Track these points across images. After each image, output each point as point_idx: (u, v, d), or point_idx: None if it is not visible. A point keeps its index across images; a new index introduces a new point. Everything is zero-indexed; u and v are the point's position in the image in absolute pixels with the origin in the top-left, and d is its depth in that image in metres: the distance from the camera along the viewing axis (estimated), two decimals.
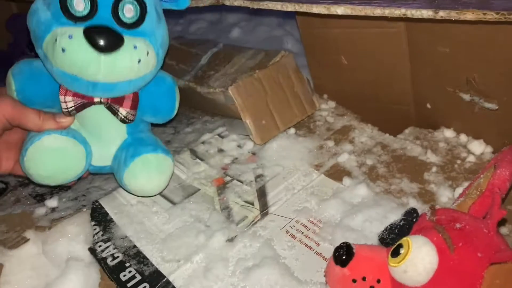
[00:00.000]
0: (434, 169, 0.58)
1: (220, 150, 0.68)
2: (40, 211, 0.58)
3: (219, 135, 0.72)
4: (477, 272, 0.30)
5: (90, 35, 0.45)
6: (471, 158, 0.59)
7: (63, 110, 0.51)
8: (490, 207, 0.34)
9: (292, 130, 0.69)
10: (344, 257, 0.35)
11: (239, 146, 0.69)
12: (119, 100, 0.52)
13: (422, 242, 0.32)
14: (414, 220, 0.37)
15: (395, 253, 0.33)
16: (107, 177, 0.67)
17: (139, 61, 0.48)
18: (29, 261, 0.52)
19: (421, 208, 0.52)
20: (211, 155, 0.67)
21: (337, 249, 0.36)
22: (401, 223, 0.37)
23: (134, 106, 0.54)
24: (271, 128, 0.66)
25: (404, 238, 0.33)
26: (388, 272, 0.34)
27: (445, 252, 0.31)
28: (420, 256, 0.31)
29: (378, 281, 0.34)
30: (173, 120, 0.81)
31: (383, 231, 0.39)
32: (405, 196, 0.55)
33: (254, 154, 0.67)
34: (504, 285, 0.30)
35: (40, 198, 0.62)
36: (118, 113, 0.53)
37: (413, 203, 0.53)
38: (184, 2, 0.56)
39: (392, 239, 0.37)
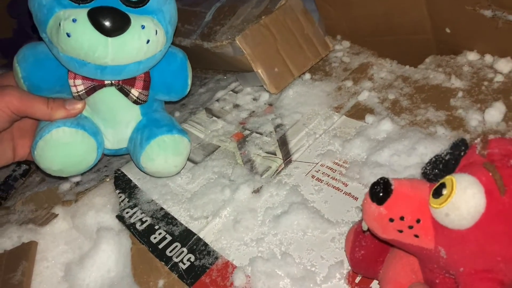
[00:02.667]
0: (460, 94, 0.55)
1: (236, 106, 0.67)
2: (65, 186, 0.58)
3: (233, 90, 0.70)
4: None
5: (95, 18, 0.42)
6: (499, 78, 0.56)
7: (74, 94, 0.49)
8: None
9: (308, 75, 0.67)
10: (381, 195, 0.31)
11: (254, 99, 0.67)
12: (131, 81, 0.50)
13: (468, 183, 0.28)
14: (462, 153, 0.32)
15: (437, 193, 0.29)
16: None
17: (148, 41, 0.45)
18: (62, 236, 0.53)
19: (450, 135, 0.50)
20: (227, 111, 0.66)
21: (373, 186, 0.32)
22: (446, 157, 0.32)
23: (146, 86, 0.52)
24: (285, 75, 0.63)
25: (448, 177, 0.29)
26: (430, 212, 0.30)
27: (494, 194, 0.27)
28: (464, 199, 0.27)
29: (418, 221, 0.30)
30: None
31: (426, 164, 0.34)
32: (432, 125, 0.52)
33: (271, 105, 0.65)
34: None
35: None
36: (130, 94, 0.51)
37: (441, 131, 0.51)
38: None
39: (436, 175, 0.32)
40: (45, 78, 0.50)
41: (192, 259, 0.45)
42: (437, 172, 0.32)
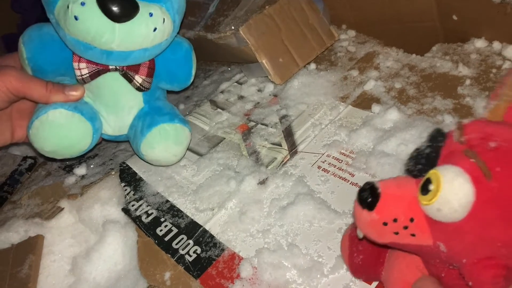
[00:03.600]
0: (467, 82, 0.54)
1: (241, 97, 0.66)
2: (70, 180, 0.58)
3: (237, 82, 0.70)
4: None
5: (104, 3, 0.42)
6: (507, 65, 0.54)
7: (77, 77, 0.49)
8: None
9: (313, 65, 0.66)
10: (369, 200, 0.30)
11: (259, 90, 0.66)
12: (135, 68, 0.50)
13: (454, 174, 0.27)
14: (441, 144, 0.31)
15: (425, 190, 0.28)
16: None
17: (154, 29, 0.45)
18: (68, 230, 0.53)
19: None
20: (232, 103, 0.65)
21: (360, 192, 0.31)
22: (427, 151, 0.32)
23: (150, 73, 0.51)
24: (289, 66, 0.63)
25: (432, 171, 0.28)
26: (421, 209, 0.29)
27: (481, 181, 0.26)
28: (453, 191, 0.27)
29: (412, 220, 0.29)
30: None
31: (408, 160, 0.33)
32: (439, 114, 0.51)
33: (275, 96, 0.64)
34: None
35: (69, 169, 0.62)
36: (134, 80, 0.51)
37: (448, 119, 0.50)
38: None
39: (420, 170, 0.31)
40: (49, 60, 0.50)
41: (199, 251, 0.45)
42: (421, 167, 0.31)
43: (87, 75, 0.49)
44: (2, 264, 0.49)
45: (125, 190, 0.55)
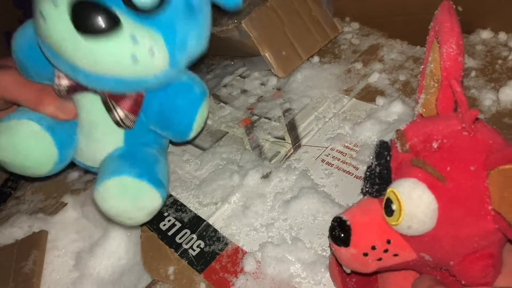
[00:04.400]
0: (473, 73, 0.54)
1: (244, 91, 0.66)
2: (73, 175, 0.58)
3: (240, 76, 0.69)
4: (478, 189, 0.25)
5: (75, 9, 0.34)
6: None
7: (55, 87, 0.41)
8: (459, 107, 0.28)
9: (316, 58, 0.65)
10: (342, 236, 0.30)
11: (262, 84, 0.66)
12: (118, 98, 0.41)
13: (409, 188, 0.27)
14: (388, 158, 0.30)
15: (389, 211, 0.28)
16: None
17: (133, 57, 0.36)
18: (72, 225, 0.53)
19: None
20: (235, 97, 0.65)
21: (331, 231, 0.31)
22: (377, 169, 0.31)
23: (134, 110, 0.42)
24: (293, 59, 0.62)
25: (389, 190, 0.28)
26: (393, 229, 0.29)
27: (437, 185, 0.26)
28: (414, 205, 0.26)
29: (388, 241, 0.29)
30: (193, 70, 0.79)
31: (364, 183, 0.32)
32: None
33: (279, 89, 0.64)
34: None
35: (72, 164, 0.62)
36: (114, 112, 0.42)
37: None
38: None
39: (377, 190, 0.31)
40: (36, 66, 0.43)
41: (202, 245, 0.45)
42: (377, 187, 0.30)
43: (65, 87, 0.41)
44: (6, 259, 0.49)
45: None
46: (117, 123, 0.42)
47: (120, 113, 0.42)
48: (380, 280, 0.36)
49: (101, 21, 0.34)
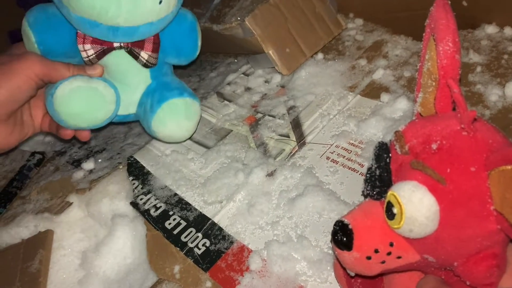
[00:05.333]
0: (478, 69, 0.53)
1: (248, 89, 0.66)
2: (78, 174, 0.58)
3: (244, 73, 0.69)
4: (479, 189, 0.25)
5: None
6: None
7: (84, 59, 0.48)
8: (457, 107, 0.27)
9: (320, 55, 0.65)
10: (344, 240, 0.30)
11: (266, 81, 0.66)
12: (140, 44, 0.49)
13: (410, 191, 0.26)
14: (388, 160, 0.30)
15: (391, 215, 0.28)
16: (139, 133, 0.66)
17: (160, 2, 0.44)
18: (77, 225, 0.53)
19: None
20: (239, 95, 0.65)
21: (333, 235, 0.31)
22: (377, 172, 0.31)
23: (156, 48, 0.50)
24: (296, 56, 0.62)
25: (390, 193, 0.28)
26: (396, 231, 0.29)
27: (437, 187, 0.26)
28: (415, 208, 0.26)
29: (391, 244, 0.29)
30: (197, 67, 0.79)
31: (365, 186, 0.32)
32: None
33: (283, 87, 0.63)
34: None
35: (77, 164, 0.62)
36: (140, 57, 0.50)
37: None
38: None
39: (378, 193, 0.31)
40: (59, 42, 0.48)
41: (208, 244, 0.45)
42: (378, 190, 0.30)
43: (93, 55, 0.48)
44: (13, 259, 0.49)
45: (133, 184, 0.54)
46: (144, 65, 0.51)
47: (144, 56, 0.50)
48: (385, 280, 0.35)
49: None
